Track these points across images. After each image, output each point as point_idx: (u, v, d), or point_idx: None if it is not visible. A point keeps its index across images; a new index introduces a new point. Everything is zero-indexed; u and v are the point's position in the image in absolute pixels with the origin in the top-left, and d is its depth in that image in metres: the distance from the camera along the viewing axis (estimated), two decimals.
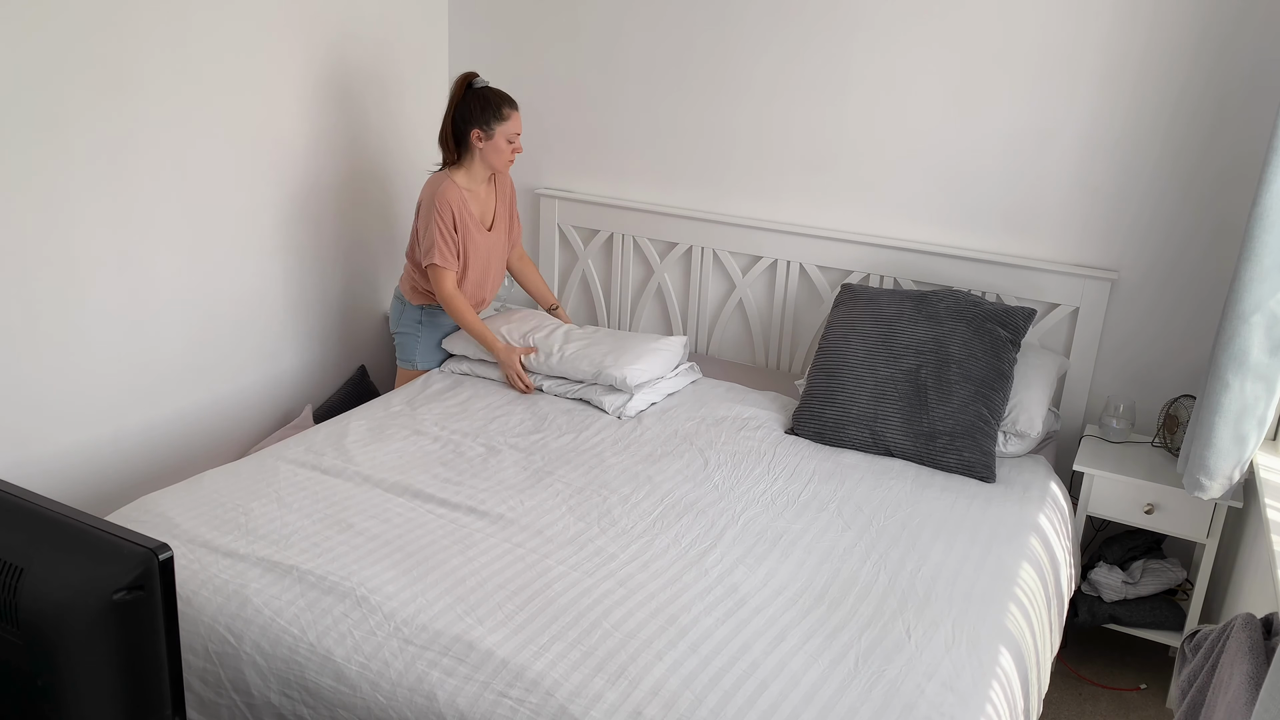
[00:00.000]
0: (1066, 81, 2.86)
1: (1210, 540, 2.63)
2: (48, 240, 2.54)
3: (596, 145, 3.58)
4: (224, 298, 3.07)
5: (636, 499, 2.36)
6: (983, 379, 2.68)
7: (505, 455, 2.55)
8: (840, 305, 2.97)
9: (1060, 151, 2.91)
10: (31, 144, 2.45)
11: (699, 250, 3.43)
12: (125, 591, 1.06)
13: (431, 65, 3.70)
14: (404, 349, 3.17)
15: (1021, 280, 2.99)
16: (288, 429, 3.21)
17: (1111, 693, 2.78)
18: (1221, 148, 2.73)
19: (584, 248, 3.65)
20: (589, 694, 1.68)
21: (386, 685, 1.75)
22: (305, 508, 2.23)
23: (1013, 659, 1.92)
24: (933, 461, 2.64)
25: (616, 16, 3.42)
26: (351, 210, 3.47)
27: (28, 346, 2.55)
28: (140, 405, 2.88)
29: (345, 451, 2.51)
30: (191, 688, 1.90)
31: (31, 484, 2.62)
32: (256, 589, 1.94)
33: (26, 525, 1.12)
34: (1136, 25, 2.75)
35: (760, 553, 2.16)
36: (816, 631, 1.89)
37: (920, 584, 2.07)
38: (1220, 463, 2.39)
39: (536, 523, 2.22)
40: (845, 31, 3.10)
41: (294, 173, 3.21)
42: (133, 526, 2.02)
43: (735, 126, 3.33)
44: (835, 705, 1.69)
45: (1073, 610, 2.80)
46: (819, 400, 2.79)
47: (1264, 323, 2.27)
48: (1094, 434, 2.91)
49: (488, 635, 1.82)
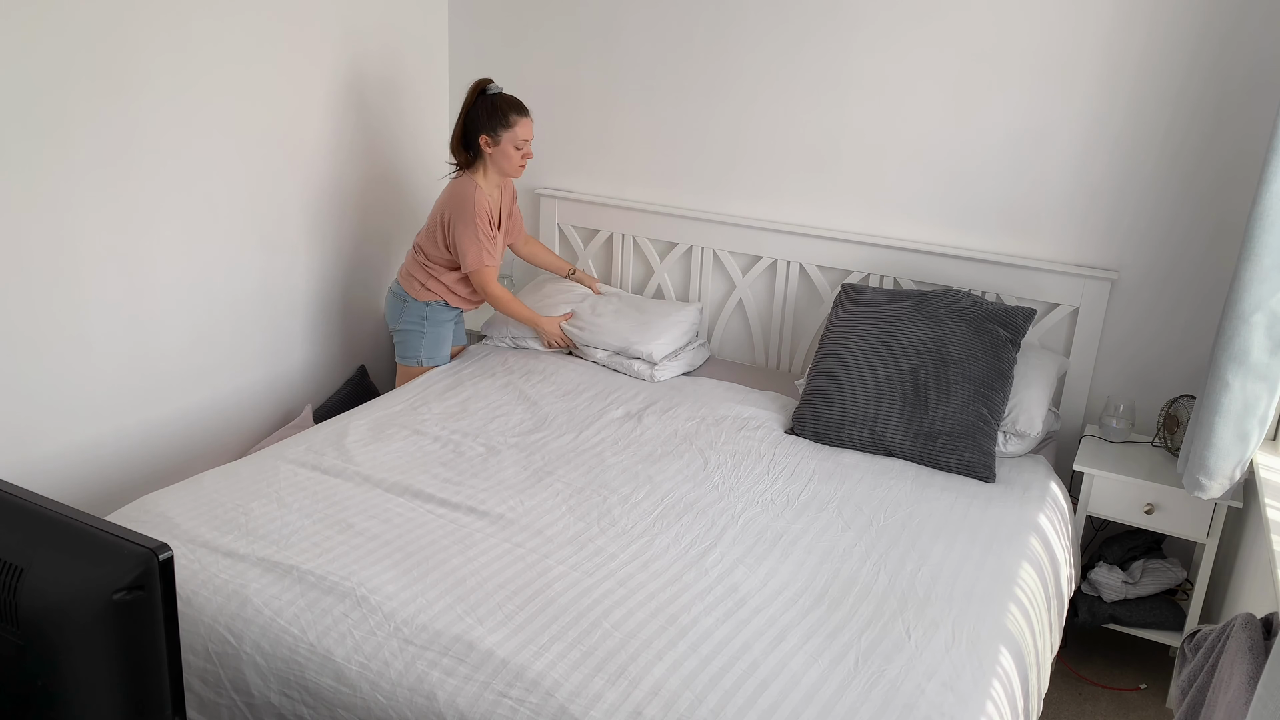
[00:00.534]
0: (1066, 81, 2.86)
1: (1210, 540, 2.63)
2: (49, 241, 2.54)
3: (596, 145, 3.58)
4: (224, 298, 3.07)
5: (636, 499, 2.36)
6: (983, 379, 2.68)
7: (505, 455, 2.55)
8: (840, 305, 2.97)
9: (1060, 151, 2.91)
10: (33, 145, 2.45)
11: (699, 250, 3.43)
12: (125, 591, 1.06)
13: (432, 66, 3.70)
14: (408, 346, 3.16)
15: (1021, 280, 2.99)
16: (288, 429, 3.21)
17: (1111, 693, 2.78)
18: (1221, 147, 2.73)
19: (584, 248, 3.65)
20: (589, 694, 1.68)
21: (386, 685, 1.75)
22: (305, 508, 2.23)
23: (1013, 659, 1.92)
24: (933, 461, 2.64)
25: (616, 17, 3.42)
26: (351, 210, 3.47)
27: (28, 346, 2.55)
28: (141, 405, 2.88)
29: (345, 451, 2.51)
30: (191, 688, 1.90)
31: (31, 484, 2.62)
32: (256, 589, 1.94)
33: (26, 525, 1.12)
34: (1136, 25, 2.75)
35: (760, 553, 2.16)
36: (816, 631, 1.89)
37: (920, 584, 2.07)
38: (1220, 462, 2.39)
39: (536, 523, 2.22)
40: (845, 31, 3.10)
41: (294, 174, 3.21)
42: (133, 526, 2.02)
43: (735, 126, 3.33)
44: (835, 705, 1.69)
45: (1073, 610, 2.80)
46: (819, 400, 2.78)
47: (1264, 322, 2.27)
48: (1094, 434, 2.91)
49: (488, 635, 1.82)
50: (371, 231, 3.58)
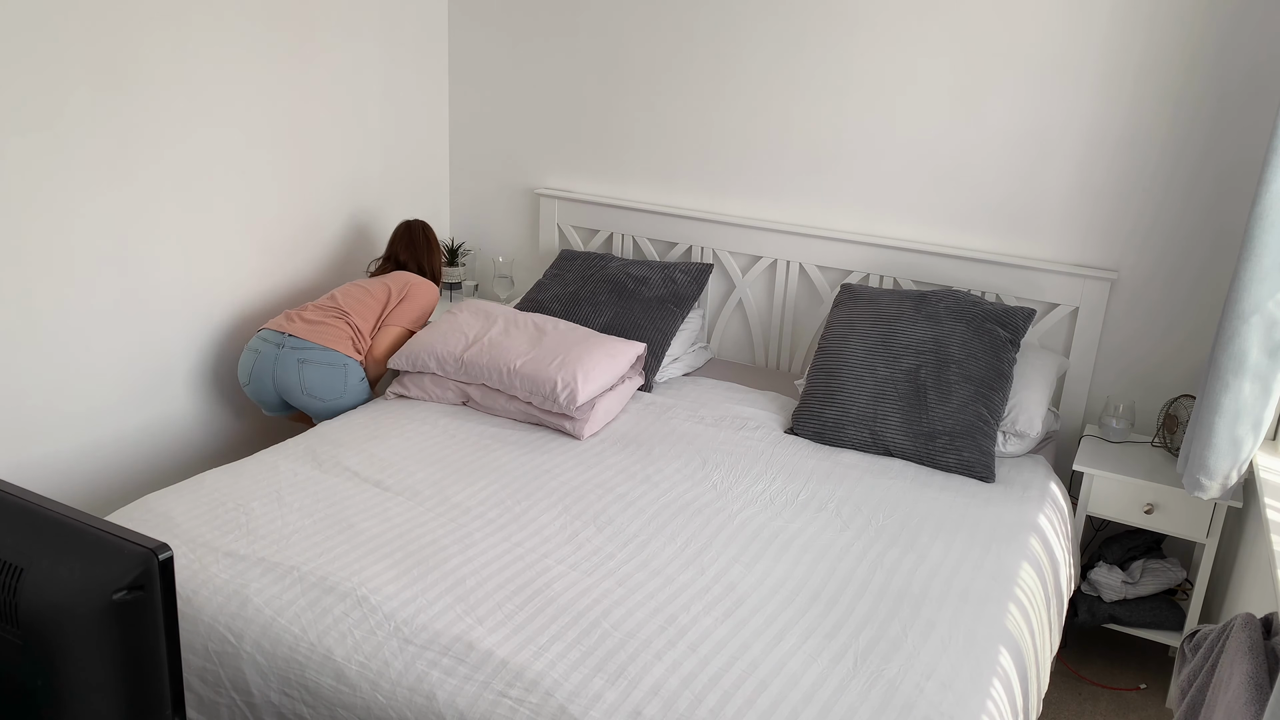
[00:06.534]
0: (1067, 81, 2.86)
1: (1210, 540, 2.63)
2: (49, 241, 2.54)
3: (596, 145, 3.59)
4: (224, 298, 3.07)
5: (635, 498, 2.36)
6: (982, 379, 2.68)
7: (504, 455, 2.55)
8: (840, 305, 2.97)
9: (1060, 151, 2.91)
10: (33, 145, 2.46)
11: (699, 250, 3.43)
12: (125, 591, 1.06)
13: (432, 66, 3.70)
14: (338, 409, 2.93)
15: (1021, 280, 2.99)
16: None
17: (1111, 693, 2.78)
18: (1222, 147, 2.73)
19: (584, 248, 3.65)
20: (588, 694, 1.68)
21: (386, 685, 1.75)
22: (305, 508, 2.23)
23: (1012, 658, 1.92)
24: (932, 461, 2.64)
25: (616, 16, 3.42)
26: (351, 211, 3.47)
27: (28, 346, 2.55)
28: (140, 405, 2.88)
29: (345, 451, 2.51)
30: (191, 687, 1.91)
31: (31, 484, 2.62)
32: (256, 589, 1.94)
33: (26, 525, 1.12)
34: (1137, 25, 2.75)
35: (758, 552, 2.16)
36: (815, 631, 1.89)
37: (919, 583, 2.07)
38: (1220, 463, 2.39)
39: (535, 522, 2.22)
40: (846, 31, 3.10)
41: (294, 175, 3.21)
42: (133, 526, 2.03)
43: (735, 126, 3.33)
44: (834, 705, 1.69)
45: (1073, 610, 2.80)
46: (818, 400, 2.79)
47: (1263, 323, 2.27)
48: (1094, 434, 2.91)
49: (487, 635, 1.82)
50: (373, 231, 3.58)
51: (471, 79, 3.75)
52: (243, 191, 3.05)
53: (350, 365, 2.89)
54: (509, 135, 3.73)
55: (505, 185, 3.80)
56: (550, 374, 2.67)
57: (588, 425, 2.67)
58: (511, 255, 3.86)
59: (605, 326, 3.09)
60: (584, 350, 2.76)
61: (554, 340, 2.83)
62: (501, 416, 2.78)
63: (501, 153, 3.77)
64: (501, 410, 2.78)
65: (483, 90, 3.74)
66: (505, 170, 3.78)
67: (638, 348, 2.92)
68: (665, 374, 3.14)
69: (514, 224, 3.82)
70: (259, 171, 3.09)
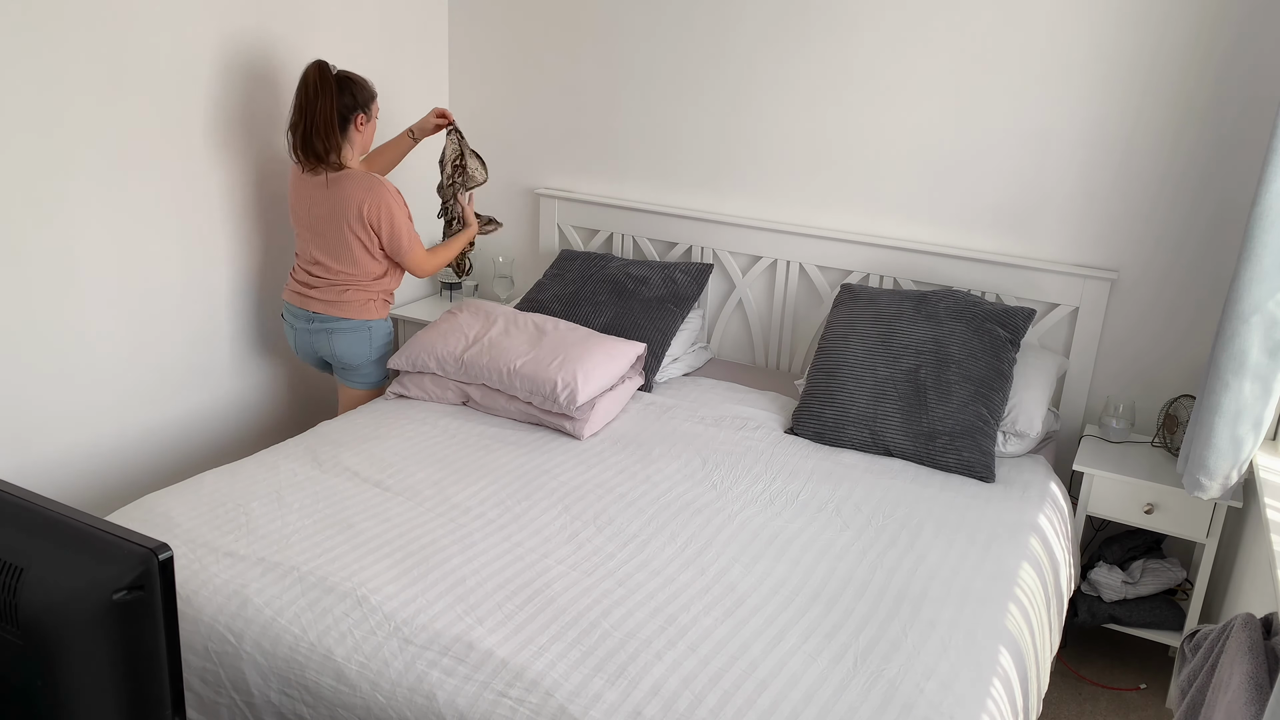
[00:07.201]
0: (1066, 81, 2.86)
1: (1210, 540, 2.63)
2: (49, 241, 2.54)
3: (596, 145, 3.59)
4: (224, 298, 3.07)
5: (635, 498, 2.36)
6: (982, 379, 2.68)
7: (504, 455, 2.55)
8: (840, 305, 2.97)
9: (1060, 151, 2.91)
10: (32, 145, 2.46)
11: (699, 250, 3.43)
12: (125, 591, 1.06)
13: (432, 65, 3.70)
14: (377, 371, 3.01)
15: (1021, 280, 2.99)
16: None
17: (1111, 693, 2.78)
18: (1221, 147, 2.73)
19: (584, 248, 3.65)
20: (588, 694, 1.68)
21: (386, 685, 1.75)
22: (305, 508, 2.23)
23: (1012, 658, 1.92)
24: (932, 461, 2.64)
25: (617, 17, 3.42)
26: None
27: (28, 347, 2.55)
28: (141, 406, 2.88)
29: (345, 451, 2.51)
30: (191, 687, 1.91)
31: (31, 484, 2.62)
32: (256, 589, 1.94)
33: (26, 525, 1.12)
34: (1137, 26, 2.75)
35: (759, 552, 2.16)
36: (815, 631, 1.89)
37: (919, 583, 2.07)
38: (1220, 462, 2.39)
39: (535, 522, 2.22)
40: (846, 31, 3.10)
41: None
42: (133, 526, 2.03)
43: (735, 126, 3.33)
44: (834, 704, 1.69)
45: (1073, 610, 2.80)
46: (818, 400, 2.79)
47: (1263, 323, 2.27)
48: (1094, 434, 2.91)
49: (487, 635, 1.82)
50: None
51: (471, 79, 3.75)
52: (243, 192, 3.05)
53: (374, 326, 2.96)
54: (509, 135, 3.73)
55: (505, 185, 3.80)
56: (550, 374, 2.67)
57: (588, 425, 2.67)
58: (511, 255, 3.86)
59: (605, 326, 3.09)
60: (584, 350, 2.76)
61: (554, 340, 2.83)
62: (501, 416, 2.79)
63: (501, 153, 3.77)
64: (501, 410, 2.78)
65: (482, 90, 3.74)
66: (505, 170, 3.78)
67: (638, 348, 2.92)
68: (665, 374, 3.14)
69: (514, 224, 3.83)
70: (259, 172, 3.08)
